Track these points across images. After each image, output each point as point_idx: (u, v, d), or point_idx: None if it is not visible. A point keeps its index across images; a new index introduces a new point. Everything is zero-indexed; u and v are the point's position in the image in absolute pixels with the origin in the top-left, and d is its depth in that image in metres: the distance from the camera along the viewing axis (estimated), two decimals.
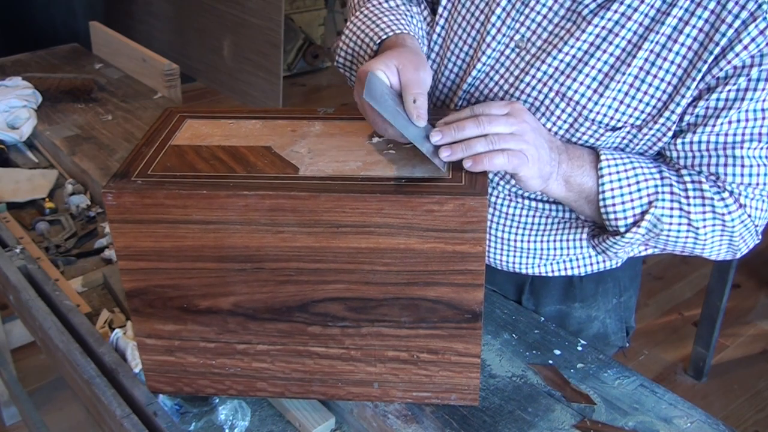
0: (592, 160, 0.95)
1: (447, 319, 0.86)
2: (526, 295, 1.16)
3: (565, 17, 0.94)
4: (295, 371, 0.92)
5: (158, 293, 0.88)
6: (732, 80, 0.87)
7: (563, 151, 0.94)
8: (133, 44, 2.20)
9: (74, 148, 1.65)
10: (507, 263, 1.11)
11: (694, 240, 0.96)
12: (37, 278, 1.22)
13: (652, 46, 0.89)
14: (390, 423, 0.93)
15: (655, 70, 0.90)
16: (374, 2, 1.08)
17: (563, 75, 0.94)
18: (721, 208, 0.93)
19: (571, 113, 0.95)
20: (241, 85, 3.02)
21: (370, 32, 1.02)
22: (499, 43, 0.99)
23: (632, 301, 1.23)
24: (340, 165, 0.86)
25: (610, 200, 0.94)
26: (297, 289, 0.86)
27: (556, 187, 0.94)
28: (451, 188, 0.81)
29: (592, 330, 1.19)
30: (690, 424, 0.94)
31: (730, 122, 0.90)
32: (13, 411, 2.15)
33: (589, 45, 0.92)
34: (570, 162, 0.94)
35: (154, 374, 0.94)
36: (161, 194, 0.82)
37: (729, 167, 0.92)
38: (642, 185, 0.93)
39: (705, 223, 0.94)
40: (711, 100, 0.89)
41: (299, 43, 4.51)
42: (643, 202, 0.93)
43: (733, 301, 2.53)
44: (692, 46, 0.88)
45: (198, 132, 0.94)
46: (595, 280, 1.14)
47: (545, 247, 1.08)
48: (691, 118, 0.92)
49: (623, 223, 0.95)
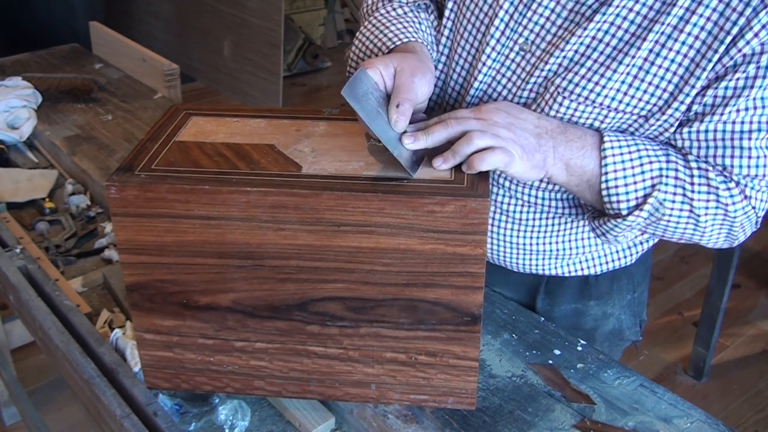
0: (595, 142, 0.93)
1: (446, 321, 0.86)
2: (541, 295, 1.16)
3: (568, 18, 0.94)
4: (293, 370, 0.92)
5: (158, 288, 0.88)
6: (741, 68, 0.86)
7: (560, 133, 0.92)
8: (133, 44, 2.20)
9: (74, 148, 1.65)
10: (524, 265, 1.11)
11: (694, 227, 0.94)
12: (37, 278, 1.22)
13: (657, 37, 0.88)
14: (390, 423, 0.93)
15: (660, 60, 0.89)
16: (382, 11, 1.09)
17: (566, 70, 0.94)
18: (725, 198, 0.92)
19: (570, 105, 0.94)
20: (241, 85, 3.02)
21: (378, 42, 1.03)
22: (503, 46, 0.99)
23: (644, 295, 1.23)
24: (342, 164, 0.86)
25: (612, 182, 0.92)
26: (296, 287, 0.86)
27: (556, 171, 0.92)
28: (453, 189, 0.81)
29: (607, 327, 1.19)
30: (690, 424, 0.94)
31: (738, 110, 0.89)
32: (13, 411, 2.15)
33: (591, 39, 0.92)
34: (568, 144, 0.92)
35: (152, 370, 0.94)
36: (164, 188, 0.82)
37: (736, 159, 0.91)
38: (646, 167, 0.91)
39: (707, 212, 0.92)
40: (720, 88, 0.88)
41: (299, 43, 4.52)
42: (647, 185, 0.91)
43: (733, 301, 2.53)
44: (700, 36, 0.87)
45: (203, 129, 0.95)
46: (610, 277, 1.14)
47: (560, 248, 1.08)
48: (698, 107, 0.90)
49: (625, 206, 0.93)
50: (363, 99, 0.83)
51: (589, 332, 1.18)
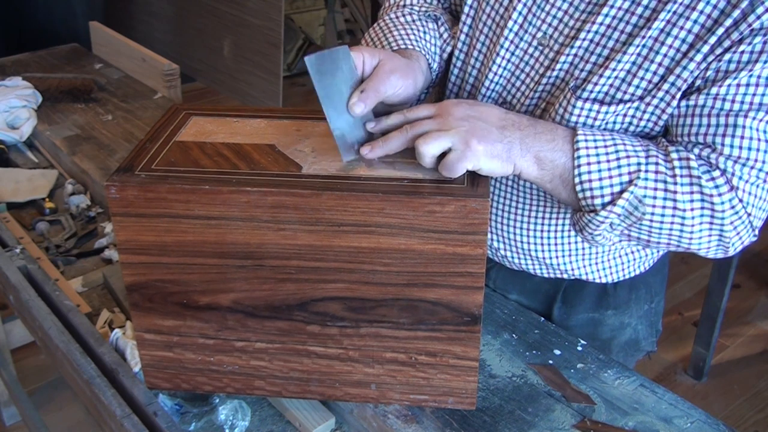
0: (566, 135, 0.89)
1: (446, 321, 0.86)
2: (558, 303, 1.14)
3: (585, 10, 0.93)
4: (293, 370, 0.92)
5: (158, 288, 0.88)
6: (747, 40, 0.83)
7: (528, 125, 0.89)
8: (133, 44, 2.20)
9: (74, 148, 1.65)
10: (542, 265, 1.10)
11: (681, 227, 0.88)
12: (37, 278, 1.22)
13: (669, 16, 0.87)
14: (390, 423, 0.93)
15: (670, 39, 0.87)
16: (392, 15, 1.11)
17: (582, 60, 0.93)
18: (709, 188, 0.86)
19: (584, 105, 0.93)
20: (241, 85, 3.02)
21: (379, 43, 1.06)
22: (522, 40, 0.99)
23: (661, 305, 1.21)
24: (343, 165, 0.86)
25: (586, 176, 0.87)
26: (297, 287, 0.86)
27: (526, 166, 0.88)
28: (453, 190, 0.81)
29: (624, 337, 1.18)
30: (690, 424, 0.94)
31: (739, 85, 0.85)
32: (13, 411, 2.15)
33: (606, 27, 0.91)
34: (537, 136, 0.88)
35: (152, 370, 0.94)
36: (164, 188, 0.82)
37: (728, 137, 0.86)
38: (623, 161, 0.87)
39: (693, 205, 0.87)
40: (723, 61, 0.85)
41: (299, 43, 4.52)
42: (624, 180, 0.87)
43: (733, 301, 2.53)
44: (712, 14, 0.85)
45: (203, 129, 0.95)
46: (628, 286, 1.13)
47: (578, 247, 1.07)
48: (701, 82, 0.88)
49: (600, 201, 0.88)
50: (327, 72, 0.84)
51: (605, 342, 1.16)
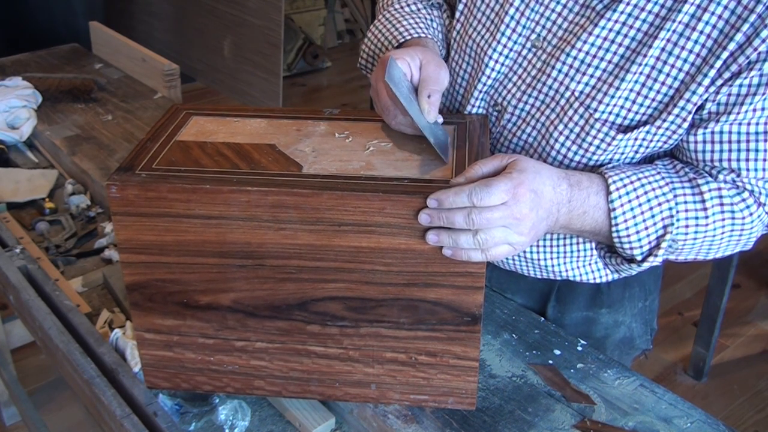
0: (598, 202, 0.90)
1: (446, 321, 0.86)
2: (552, 302, 1.15)
3: (579, 13, 0.93)
4: (293, 370, 0.92)
5: (158, 287, 0.88)
6: (757, 65, 0.84)
7: (566, 202, 0.88)
8: (133, 44, 2.20)
9: (74, 148, 1.65)
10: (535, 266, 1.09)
11: (709, 246, 0.94)
12: (37, 278, 1.22)
13: (669, 35, 0.87)
14: (390, 423, 0.93)
15: (672, 59, 0.88)
16: (396, 6, 1.12)
17: (578, 72, 0.93)
18: (741, 211, 0.91)
19: (583, 114, 0.93)
20: (241, 85, 3.02)
21: (389, 35, 1.05)
22: (515, 43, 0.99)
23: (655, 304, 1.22)
24: (343, 164, 0.86)
25: (624, 231, 0.91)
26: (297, 287, 0.86)
27: (557, 231, 0.94)
28: None
29: (618, 335, 1.18)
30: (690, 424, 0.94)
31: (755, 110, 0.87)
32: (13, 411, 2.14)
33: (603, 39, 0.91)
34: (570, 215, 0.90)
35: (152, 369, 0.94)
36: (164, 188, 0.82)
37: (751, 161, 0.89)
38: (656, 210, 0.90)
39: (723, 230, 0.92)
40: (734, 86, 0.86)
41: (299, 43, 4.52)
42: (658, 227, 0.91)
43: (733, 301, 2.53)
44: (711, 34, 0.85)
45: (203, 129, 0.95)
46: (621, 284, 1.13)
47: (573, 249, 1.06)
48: (713, 106, 0.88)
49: (639, 252, 0.92)
50: (400, 85, 0.87)
51: (599, 341, 1.17)
